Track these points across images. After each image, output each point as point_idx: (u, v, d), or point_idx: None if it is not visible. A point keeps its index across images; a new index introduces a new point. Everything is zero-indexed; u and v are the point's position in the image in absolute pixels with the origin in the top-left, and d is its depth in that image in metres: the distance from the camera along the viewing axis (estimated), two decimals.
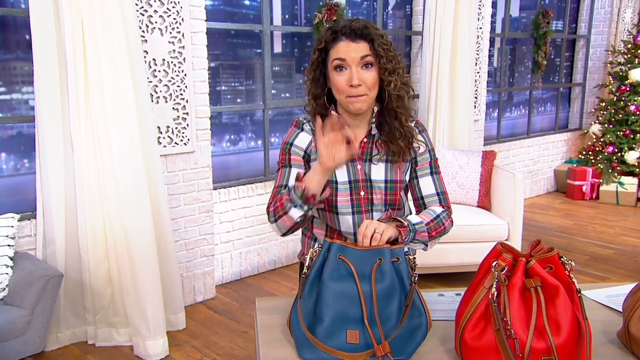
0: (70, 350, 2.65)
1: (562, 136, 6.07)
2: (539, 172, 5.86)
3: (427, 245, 1.37)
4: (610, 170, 5.44)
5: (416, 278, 1.16)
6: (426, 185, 1.43)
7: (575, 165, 5.80)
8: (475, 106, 4.81)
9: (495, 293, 1.08)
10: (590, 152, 5.67)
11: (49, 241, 2.57)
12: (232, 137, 3.85)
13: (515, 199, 3.48)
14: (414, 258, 1.18)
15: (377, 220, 1.32)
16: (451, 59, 4.32)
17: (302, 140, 1.41)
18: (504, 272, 1.10)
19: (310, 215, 1.29)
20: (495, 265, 1.10)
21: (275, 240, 3.75)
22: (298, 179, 1.26)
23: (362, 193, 1.38)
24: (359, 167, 1.39)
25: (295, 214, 1.26)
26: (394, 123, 1.36)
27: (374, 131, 1.39)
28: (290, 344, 1.20)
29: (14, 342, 2.21)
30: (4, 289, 2.33)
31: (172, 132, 2.99)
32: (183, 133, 3.03)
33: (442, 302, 1.43)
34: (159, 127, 2.92)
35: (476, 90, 4.79)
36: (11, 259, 2.39)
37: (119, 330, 2.69)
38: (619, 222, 4.85)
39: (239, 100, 3.78)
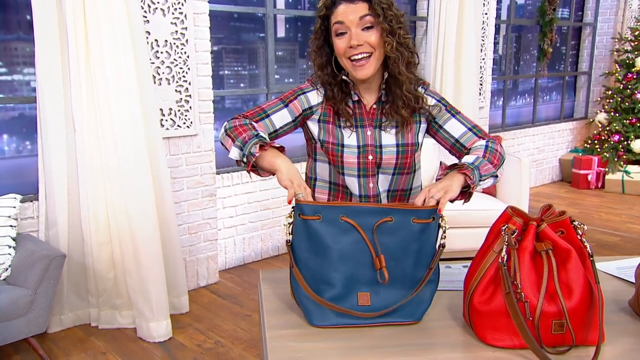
0: (73, 332, 2.64)
1: (567, 125, 6.03)
2: (544, 161, 5.82)
3: (497, 177, 1.31)
4: (616, 159, 5.40)
5: (445, 240, 1.13)
6: (454, 127, 1.39)
7: (580, 154, 5.76)
8: (480, 93, 4.78)
9: (505, 256, 1.06)
10: (596, 141, 5.63)
11: (52, 223, 2.56)
12: None
13: (521, 184, 3.45)
14: (445, 219, 1.14)
15: (437, 178, 1.27)
16: (456, 45, 4.28)
17: (314, 97, 1.39)
18: (514, 235, 1.07)
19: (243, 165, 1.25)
20: (505, 228, 1.08)
21: (279, 227, 3.73)
22: (267, 144, 1.21)
23: (370, 157, 1.37)
24: (368, 133, 1.37)
25: (233, 153, 1.24)
26: (396, 91, 1.34)
27: (384, 98, 1.37)
28: (294, 311, 1.18)
29: (16, 322, 2.20)
30: (7, 269, 2.31)
31: (175, 114, 2.97)
32: (186, 116, 3.01)
33: (449, 274, 1.41)
34: (161, 110, 2.90)
35: (481, 77, 4.76)
36: (14, 239, 2.38)
37: (122, 313, 2.68)
38: (625, 210, 4.81)
39: (242, 85, 3.75)
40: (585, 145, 5.77)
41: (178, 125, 2.99)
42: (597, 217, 4.59)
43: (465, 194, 1.25)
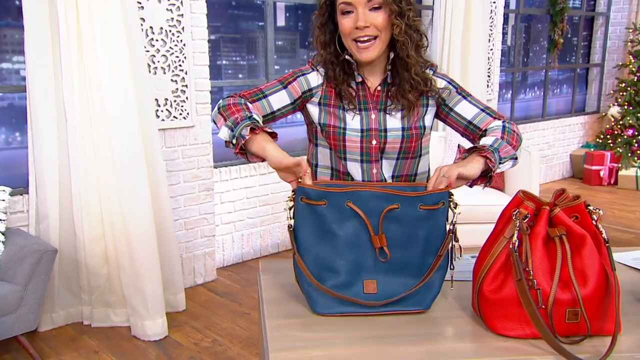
0: (65, 330, 2.63)
1: (578, 119, 6.01)
2: (554, 156, 5.80)
3: (516, 159, 1.29)
4: (629, 155, 5.38)
5: (455, 224, 1.11)
6: (466, 109, 1.37)
7: (592, 149, 5.74)
8: (488, 85, 4.76)
9: (517, 242, 1.04)
10: (608, 136, 5.61)
11: (42, 217, 2.55)
12: None
13: (530, 179, 3.44)
14: (456, 202, 1.12)
15: (456, 159, 1.26)
16: (463, 35, 4.26)
17: (314, 78, 1.38)
18: (526, 220, 1.06)
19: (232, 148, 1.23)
20: (516, 213, 1.06)
21: (279, 222, 3.72)
22: (259, 127, 1.19)
23: (374, 142, 1.35)
24: (372, 116, 1.36)
25: (223, 133, 1.22)
26: (403, 74, 1.33)
27: (390, 79, 1.36)
28: (296, 300, 1.17)
29: (6, 319, 2.20)
30: None
31: (171, 105, 2.96)
32: (182, 106, 3.00)
33: (457, 264, 1.39)
34: (156, 100, 2.89)
35: (489, 68, 4.74)
36: (3, 234, 2.37)
37: (116, 310, 2.67)
38: (639, 207, 4.80)
39: (240, 75, 3.75)
40: (598, 140, 5.75)
41: (174, 117, 2.98)
42: (610, 214, 4.57)
43: (485, 177, 1.23)
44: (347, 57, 1.33)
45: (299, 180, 1.11)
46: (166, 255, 2.78)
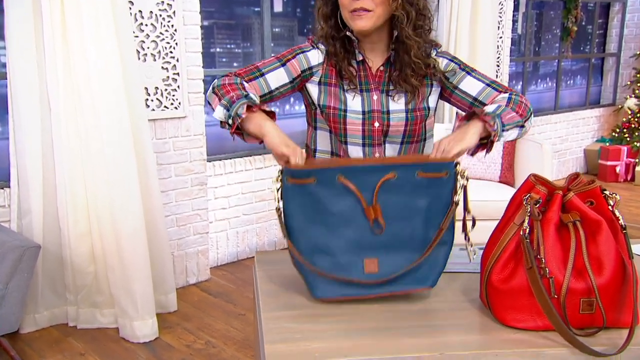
0: (49, 332, 2.62)
1: (593, 112, 5.99)
2: (567, 151, 5.79)
3: (523, 127, 1.28)
4: None
5: (461, 195, 1.10)
6: (470, 85, 1.37)
7: (608, 144, 5.73)
8: (497, 76, 4.75)
9: (528, 229, 1.03)
10: (625, 130, 5.60)
11: (25, 212, 2.54)
12: None
13: (542, 173, 3.42)
14: (462, 171, 1.11)
15: (455, 127, 1.26)
16: (471, 23, 4.25)
17: (314, 56, 1.38)
18: (537, 206, 1.05)
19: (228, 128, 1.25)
20: (527, 198, 1.05)
21: (276, 220, 3.70)
22: (256, 106, 1.21)
23: (377, 124, 1.35)
24: (374, 97, 1.35)
25: (218, 113, 1.23)
26: (404, 57, 1.32)
27: (392, 59, 1.35)
28: (292, 292, 1.17)
29: None
30: None
31: (162, 94, 2.95)
32: (173, 96, 2.99)
33: (464, 256, 1.39)
34: (146, 88, 2.88)
35: (498, 58, 4.73)
36: None
37: (103, 311, 2.66)
38: None
39: (235, 64, 3.73)
40: (613, 134, 5.74)
41: (165, 106, 2.97)
42: (627, 212, 4.56)
43: (486, 145, 1.23)
44: (347, 33, 1.33)
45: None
46: (157, 253, 2.77)
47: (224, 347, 2.49)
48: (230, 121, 1.20)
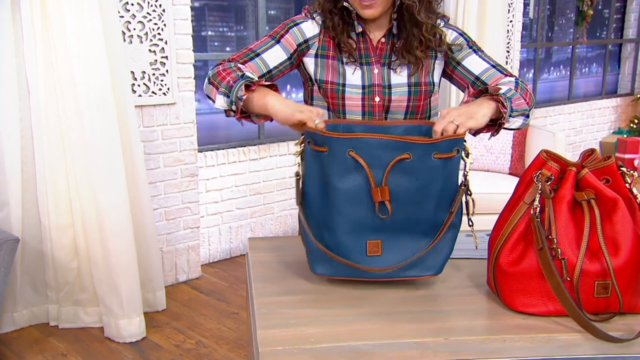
0: (28, 332, 2.62)
1: (610, 102, 5.99)
2: (582, 144, 5.79)
3: (528, 117, 1.28)
4: None
5: (467, 176, 1.09)
6: (474, 64, 1.37)
7: (625, 135, 5.73)
8: (507, 62, 4.74)
9: (539, 207, 1.03)
10: None
11: (2, 203, 2.53)
12: None
13: None
14: (467, 149, 1.09)
15: (463, 100, 1.25)
16: (479, 5, 4.24)
17: (309, 28, 1.38)
18: (549, 183, 1.04)
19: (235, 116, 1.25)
20: (538, 175, 1.05)
21: (272, 214, 3.71)
22: (255, 83, 1.21)
23: (377, 99, 1.35)
24: (375, 71, 1.35)
25: (219, 102, 1.24)
26: (412, 30, 1.33)
27: (395, 30, 1.35)
28: (288, 279, 1.16)
29: None
30: None
31: (149, 79, 2.94)
32: (162, 81, 2.98)
33: (470, 242, 1.38)
34: (132, 73, 2.87)
35: (508, 44, 4.72)
36: None
37: (87, 309, 2.65)
38: None
39: (228, 48, 3.73)
40: (631, 125, 5.74)
41: (153, 92, 2.96)
42: None
43: (494, 126, 1.23)
44: (345, 3, 1.32)
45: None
46: (144, 248, 2.76)
47: (216, 347, 2.49)
48: (233, 107, 1.21)
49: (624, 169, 1.06)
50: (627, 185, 1.05)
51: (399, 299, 1.07)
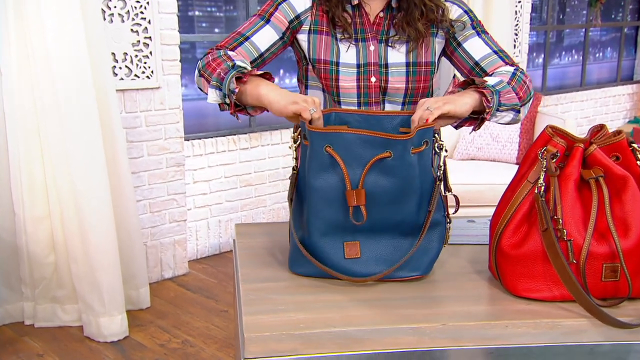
0: (2, 332, 2.62)
1: (625, 89, 6.00)
2: None
3: (518, 112, 1.28)
4: None
5: (442, 171, 1.10)
6: (476, 47, 1.36)
7: None
8: (514, 46, 4.74)
9: (543, 186, 1.03)
10: None
11: None
12: None
13: None
14: (441, 143, 1.10)
15: (448, 91, 1.26)
16: None
17: (299, 2, 1.37)
18: (554, 160, 1.04)
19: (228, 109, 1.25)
20: (543, 151, 1.05)
21: (264, 207, 3.71)
22: (246, 74, 1.20)
23: (373, 79, 1.34)
24: (372, 48, 1.35)
25: (212, 97, 1.24)
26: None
27: (394, 3, 1.35)
28: (276, 265, 1.17)
29: None
30: None
31: (131, 61, 2.93)
32: (145, 63, 2.97)
33: (472, 228, 1.39)
34: (113, 54, 2.87)
35: (516, 26, 4.72)
36: None
37: (65, 307, 2.65)
38: None
39: (216, 29, 3.72)
40: None
41: (135, 75, 2.96)
42: None
43: (476, 120, 1.23)
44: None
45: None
46: (127, 242, 2.76)
47: (204, 346, 2.49)
48: (227, 101, 1.21)
49: (635, 146, 1.07)
50: (638, 162, 1.05)
51: (393, 286, 1.07)
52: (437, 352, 0.94)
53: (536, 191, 1.03)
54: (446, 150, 1.10)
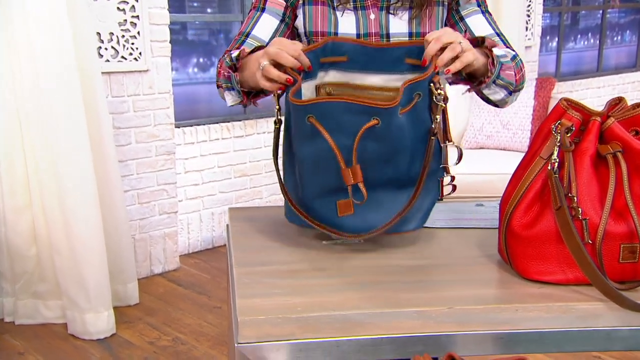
0: None
1: None
2: None
3: (510, 95, 1.30)
4: None
5: (437, 122, 1.09)
6: (478, 24, 1.38)
7: None
8: (527, 29, 4.74)
9: (557, 162, 1.02)
10: None
11: None
12: (201, 60, 3.79)
13: None
14: (440, 92, 1.08)
15: None
16: None
17: None
18: (569, 135, 1.04)
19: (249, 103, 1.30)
20: (557, 125, 1.04)
21: (259, 199, 3.71)
22: (236, 61, 1.24)
23: None
24: (372, 16, 1.34)
25: (229, 100, 1.31)
26: None
27: None
28: (271, 250, 1.17)
29: None
30: None
31: (118, 41, 2.93)
32: (132, 44, 2.97)
33: (481, 212, 1.39)
34: (99, 34, 2.86)
35: (529, 7, 4.72)
36: None
37: (48, 303, 2.66)
38: None
39: (209, 10, 3.71)
40: None
41: (122, 57, 2.95)
42: None
43: (473, 81, 1.25)
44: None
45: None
46: (114, 235, 2.77)
47: (196, 343, 2.50)
48: (241, 97, 1.27)
49: None
50: None
51: (396, 268, 1.07)
52: (443, 337, 0.93)
53: (549, 168, 1.02)
54: (447, 99, 1.08)
